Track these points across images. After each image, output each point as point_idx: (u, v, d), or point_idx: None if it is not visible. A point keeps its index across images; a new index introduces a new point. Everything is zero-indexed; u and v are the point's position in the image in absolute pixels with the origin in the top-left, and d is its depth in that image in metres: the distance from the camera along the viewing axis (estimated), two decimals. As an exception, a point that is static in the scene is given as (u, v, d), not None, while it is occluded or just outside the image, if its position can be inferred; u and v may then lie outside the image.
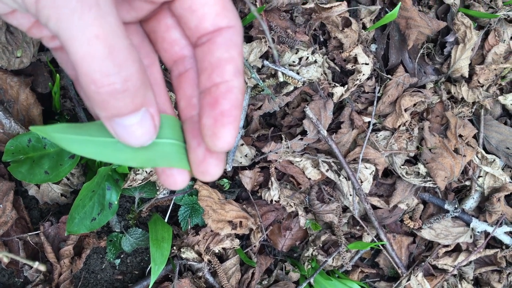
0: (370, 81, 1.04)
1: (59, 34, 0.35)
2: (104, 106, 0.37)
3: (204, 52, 0.44)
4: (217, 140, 0.42)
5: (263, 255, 1.08)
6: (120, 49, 0.36)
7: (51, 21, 0.34)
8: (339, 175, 1.04)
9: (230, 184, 1.05)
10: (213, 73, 0.43)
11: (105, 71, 0.35)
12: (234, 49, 0.44)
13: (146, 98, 0.40)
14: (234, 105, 0.43)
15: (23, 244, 0.85)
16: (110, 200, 0.86)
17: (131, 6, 0.47)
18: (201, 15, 0.43)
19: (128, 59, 0.37)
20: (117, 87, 0.36)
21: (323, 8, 0.94)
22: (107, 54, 0.35)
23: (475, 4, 1.08)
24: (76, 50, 0.35)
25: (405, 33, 1.04)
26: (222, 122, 0.42)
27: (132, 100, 0.38)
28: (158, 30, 0.49)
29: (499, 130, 1.15)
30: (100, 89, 0.36)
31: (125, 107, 0.38)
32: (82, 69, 0.35)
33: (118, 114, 0.38)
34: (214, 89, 0.43)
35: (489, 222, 1.13)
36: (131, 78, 0.37)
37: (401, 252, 1.13)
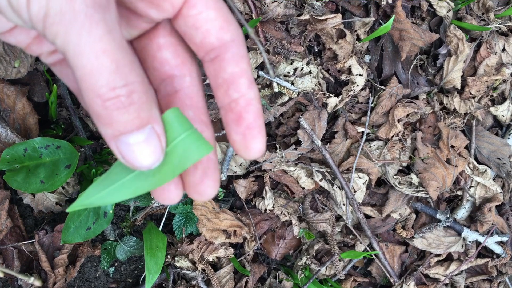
0: (364, 91, 1.06)
1: (66, 50, 0.35)
2: (109, 121, 0.38)
3: (215, 69, 0.45)
4: (250, 151, 0.44)
5: (256, 264, 1.08)
6: (126, 64, 0.37)
7: (59, 37, 0.35)
8: (332, 185, 1.05)
9: (225, 193, 1.05)
10: (229, 89, 0.44)
11: (112, 85, 0.36)
12: (243, 62, 0.45)
13: (152, 114, 0.40)
14: (256, 116, 0.44)
15: (18, 252, 0.85)
16: (105, 209, 0.86)
17: (128, 24, 0.47)
18: (205, 31, 0.44)
19: (133, 74, 0.38)
20: (123, 100, 0.37)
21: (318, 20, 0.95)
22: (115, 69, 0.36)
23: (467, 17, 1.09)
24: (83, 65, 0.35)
25: (399, 45, 1.05)
26: (251, 135, 0.44)
27: (137, 115, 0.38)
28: (150, 48, 0.49)
29: (490, 140, 1.16)
30: (106, 103, 0.36)
31: (131, 122, 0.38)
32: (88, 84, 0.36)
33: (123, 130, 0.38)
34: (234, 104, 0.44)
35: (480, 232, 1.15)
36: (137, 91, 0.38)
37: (393, 261, 1.14)
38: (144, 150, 0.40)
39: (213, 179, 0.47)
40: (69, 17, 0.34)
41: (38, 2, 0.34)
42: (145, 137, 0.40)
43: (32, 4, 0.34)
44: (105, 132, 0.39)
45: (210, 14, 0.44)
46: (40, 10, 0.34)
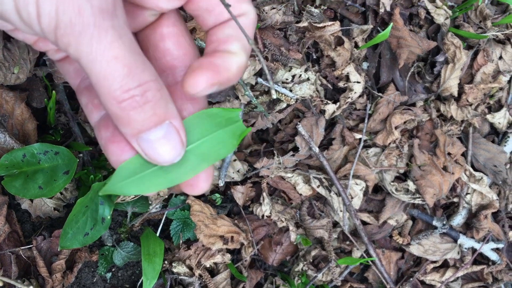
0: (361, 98, 1.06)
1: (79, 58, 0.37)
2: (128, 121, 0.39)
3: (215, 31, 0.46)
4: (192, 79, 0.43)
5: (253, 270, 1.09)
6: (138, 65, 0.38)
7: (71, 47, 0.36)
8: (330, 191, 1.05)
9: (222, 199, 1.05)
10: (220, 46, 0.44)
11: (125, 87, 0.37)
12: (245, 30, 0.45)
13: (168, 110, 0.41)
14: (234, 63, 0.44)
15: (16, 258, 0.85)
16: (103, 215, 0.86)
17: (132, 17, 0.48)
18: (218, 13, 0.45)
19: (146, 73, 0.39)
20: (138, 100, 0.38)
21: (316, 27, 0.95)
22: (127, 73, 0.37)
23: (464, 25, 1.10)
24: (97, 71, 0.37)
25: (396, 52, 1.06)
26: (219, 56, 0.43)
27: (154, 112, 0.39)
28: (152, 38, 0.50)
29: (487, 148, 1.17)
30: (122, 104, 0.38)
31: (148, 119, 0.39)
32: (103, 89, 0.38)
33: (142, 128, 0.40)
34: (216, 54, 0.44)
35: (476, 239, 1.15)
36: (150, 89, 0.39)
37: (390, 268, 1.14)
38: (164, 145, 0.41)
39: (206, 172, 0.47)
40: (79, 28, 0.35)
41: (48, 14, 0.35)
42: (164, 132, 0.41)
43: (42, 17, 0.35)
44: (125, 132, 0.41)
45: None
46: (50, 22, 0.35)
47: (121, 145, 0.44)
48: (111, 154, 0.45)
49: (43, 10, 0.34)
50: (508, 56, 1.14)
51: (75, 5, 0.34)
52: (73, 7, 0.34)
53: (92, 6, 0.35)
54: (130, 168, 0.43)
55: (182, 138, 0.42)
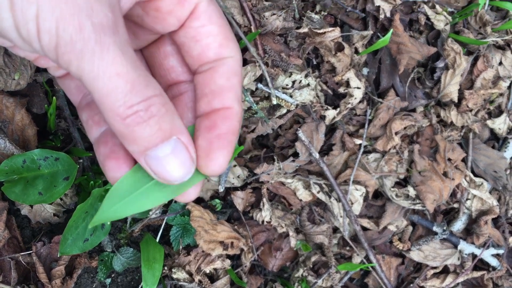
0: (361, 104, 1.06)
1: (81, 76, 0.36)
2: (133, 138, 0.38)
3: (205, 79, 0.45)
4: (210, 162, 0.43)
5: (253, 275, 1.08)
6: (141, 81, 0.37)
7: (72, 65, 0.35)
8: (330, 197, 1.05)
9: (222, 204, 1.05)
10: (214, 99, 0.44)
11: (129, 103, 0.37)
12: (235, 78, 0.45)
13: (174, 125, 0.40)
14: (231, 131, 0.43)
15: (15, 264, 0.85)
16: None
17: (135, 36, 0.48)
18: (205, 44, 0.45)
19: (150, 89, 0.38)
20: (142, 115, 0.37)
21: (316, 33, 0.96)
22: (130, 89, 0.37)
23: (464, 30, 1.10)
24: (100, 89, 0.36)
25: (397, 58, 1.06)
26: (218, 145, 0.43)
27: (159, 127, 0.38)
28: (157, 56, 0.50)
29: (487, 153, 1.17)
30: (126, 120, 0.37)
31: (154, 135, 0.38)
32: (106, 106, 0.37)
33: (148, 145, 0.39)
34: (212, 114, 0.44)
35: (476, 244, 1.15)
36: (154, 104, 0.38)
37: (390, 273, 1.14)
38: (173, 162, 0.40)
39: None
40: (80, 45, 0.34)
41: (48, 32, 0.34)
42: (172, 148, 0.40)
43: (42, 35, 0.34)
44: (132, 150, 0.40)
45: (213, 29, 0.44)
46: (51, 40, 0.34)
47: (119, 162, 0.44)
48: (109, 170, 0.44)
49: (43, 28, 0.34)
50: (508, 61, 1.14)
51: (75, 22, 0.34)
52: (73, 24, 0.34)
53: (93, 23, 0.35)
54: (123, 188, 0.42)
55: (192, 154, 0.42)
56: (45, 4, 0.33)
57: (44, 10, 0.33)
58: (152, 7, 0.43)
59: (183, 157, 0.41)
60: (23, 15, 0.33)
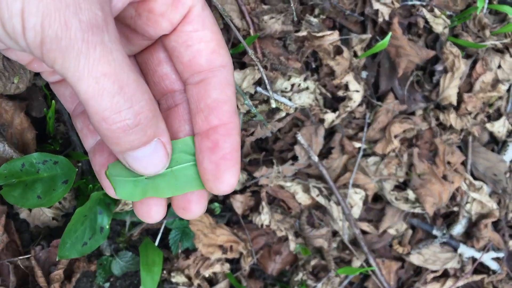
0: (360, 107, 1.06)
1: (66, 76, 0.35)
2: (117, 141, 0.38)
3: (199, 93, 0.44)
4: (220, 184, 0.43)
5: (252, 279, 1.08)
6: (130, 83, 0.36)
7: (57, 63, 0.35)
8: (329, 200, 1.05)
9: (221, 208, 1.05)
10: (210, 114, 0.44)
11: (116, 108, 0.36)
12: (229, 89, 0.44)
13: (158, 129, 0.40)
14: (234, 148, 0.43)
15: (14, 268, 0.85)
16: (102, 225, 0.86)
17: (128, 41, 0.47)
18: (196, 50, 0.44)
19: (138, 92, 0.37)
20: (129, 123, 0.37)
21: (315, 36, 0.96)
22: (118, 90, 0.35)
23: (463, 34, 1.10)
24: (85, 90, 0.35)
25: (395, 61, 1.06)
26: (225, 166, 0.43)
27: (144, 133, 0.39)
28: (150, 63, 0.49)
29: (486, 157, 1.17)
30: (112, 126, 0.36)
31: (138, 140, 0.39)
32: (92, 108, 0.36)
33: (130, 148, 0.39)
34: (212, 132, 0.43)
35: (476, 248, 1.15)
36: (143, 111, 0.37)
37: (389, 277, 1.14)
38: (151, 161, 0.41)
39: (198, 196, 0.46)
40: (65, 43, 0.34)
41: (33, 29, 0.33)
42: (152, 150, 0.40)
43: (27, 32, 0.33)
44: (112, 148, 0.40)
45: (206, 35, 0.44)
46: (36, 37, 0.33)
47: None
48: (104, 179, 0.44)
49: (28, 24, 0.33)
50: (507, 65, 1.14)
51: (61, 19, 0.33)
52: (59, 20, 0.33)
53: (81, 20, 0.33)
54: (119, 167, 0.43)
55: (168, 151, 0.42)
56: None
57: (30, 5, 0.32)
58: (145, 8, 0.43)
59: (161, 155, 0.41)
60: (8, 10, 0.32)
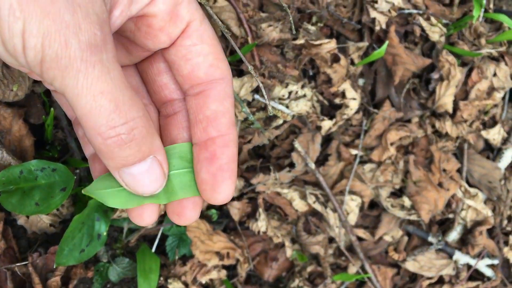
0: (357, 115, 1.07)
1: (64, 92, 0.36)
2: (111, 156, 0.39)
3: (198, 104, 0.45)
4: (217, 194, 0.44)
5: (249, 286, 1.08)
6: (125, 101, 0.37)
7: (56, 81, 0.35)
8: (325, 207, 1.06)
9: (218, 214, 1.06)
10: (209, 126, 0.45)
11: (111, 124, 0.37)
12: (227, 101, 0.45)
13: (153, 146, 0.41)
14: (231, 159, 0.44)
15: (11, 274, 0.85)
16: (99, 231, 0.86)
17: (128, 52, 0.48)
18: (195, 64, 0.45)
19: (133, 109, 0.38)
20: (123, 138, 0.38)
21: (313, 44, 0.96)
22: (114, 108, 0.36)
23: (459, 42, 1.11)
24: (82, 106, 0.36)
25: (392, 69, 1.07)
26: (222, 177, 0.44)
27: (139, 149, 0.39)
28: (150, 72, 0.50)
29: (481, 164, 1.17)
30: (107, 141, 0.37)
31: (133, 156, 0.39)
32: (88, 124, 0.37)
33: (125, 164, 0.40)
34: (210, 143, 0.44)
35: (471, 255, 1.16)
36: (137, 127, 0.38)
37: (385, 284, 1.14)
38: (146, 179, 0.41)
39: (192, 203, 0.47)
40: (65, 62, 0.34)
41: (34, 48, 0.34)
42: (147, 167, 0.41)
43: (28, 50, 0.34)
44: (107, 164, 0.40)
45: (204, 48, 0.45)
46: (36, 56, 0.34)
47: None
48: None
49: (28, 43, 0.34)
50: (502, 73, 1.15)
51: (61, 39, 0.34)
52: (59, 41, 0.34)
53: (80, 40, 0.35)
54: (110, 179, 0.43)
55: (165, 171, 0.42)
56: (32, 20, 0.33)
57: (31, 26, 0.33)
58: (144, 23, 0.43)
59: (156, 174, 0.42)
60: (10, 30, 0.33)
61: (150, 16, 0.43)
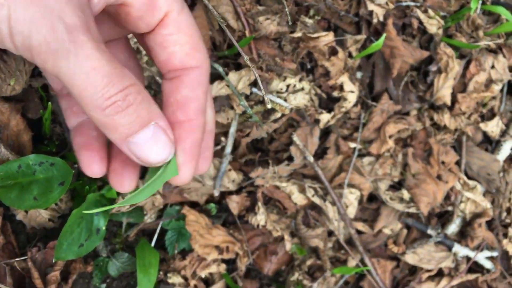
0: (355, 108, 1.07)
1: (58, 74, 0.37)
2: (114, 127, 0.40)
3: (171, 88, 0.47)
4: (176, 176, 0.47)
5: (248, 280, 1.08)
6: (117, 73, 0.39)
7: (48, 64, 0.37)
8: (324, 200, 1.06)
9: (217, 209, 1.05)
10: (178, 110, 0.47)
11: (107, 95, 0.38)
12: (199, 89, 0.47)
13: (151, 112, 0.42)
14: (194, 144, 0.46)
15: (10, 269, 0.85)
16: (98, 226, 0.86)
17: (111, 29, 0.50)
18: (171, 52, 0.47)
19: (125, 79, 0.40)
20: (120, 104, 0.39)
21: (310, 37, 0.96)
22: (107, 82, 0.38)
23: (457, 34, 1.11)
24: (78, 84, 0.37)
25: (390, 62, 1.07)
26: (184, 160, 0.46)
27: (138, 115, 0.40)
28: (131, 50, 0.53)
29: (480, 156, 1.17)
30: (105, 111, 0.39)
31: (134, 123, 0.40)
32: (85, 99, 0.38)
33: (129, 132, 0.41)
34: (177, 126, 0.46)
35: (470, 247, 1.16)
36: (131, 93, 0.40)
37: (385, 276, 1.14)
38: (154, 146, 0.43)
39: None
40: (54, 45, 0.36)
41: (21, 34, 0.35)
42: (152, 133, 0.42)
43: (15, 36, 0.35)
44: (114, 138, 0.42)
45: (181, 38, 0.46)
46: (24, 41, 0.36)
47: (93, 153, 0.47)
48: (82, 159, 0.48)
49: (15, 29, 0.35)
50: (500, 65, 1.15)
51: (48, 24, 0.35)
52: (46, 26, 0.35)
53: (66, 23, 0.36)
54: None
55: (170, 136, 0.44)
56: (17, 6, 0.34)
57: (16, 12, 0.34)
58: (123, 11, 0.45)
59: (162, 140, 0.43)
60: None
61: (128, 6, 0.44)
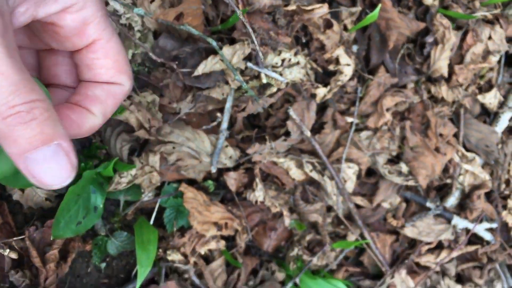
0: (352, 81, 1.06)
1: None
2: (13, 138, 0.37)
3: (87, 85, 0.48)
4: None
5: (248, 256, 1.08)
6: (25, 85, 0.37)
7: None
8: (323, 175, 1.05)
9: (215, 185, 1.05)
10: (84, 102, 0.47)
11: (11, 103, 0.36)
12: (111, 100, 0.48)
13: (57, 132, 0.39)
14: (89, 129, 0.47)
15: (9, 249, 0.85)
16: (95, 204, 0.86)
17: (30, 40, 0.50)
18: (97, 73, 0.47)
19: (34, 93, 0.37)
20: (23, 115, 0.36)
21: (304, 10, 0.95)
22: (13, 89, 0.36)
23: (453, 5, 1.10)
24: None
25: (386, 34, 1.06)
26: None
27: (41, 130, 0.37)
28: (48, 60, 0.52)
29: (478, 128, 1.17)
30: (7, 119, 0.36)
31: (35, 137, 0.37)
32: None
33: (28, 147, 0.37)
34: (77, 108, 0.47)
35: (470, 219, 1.16)
36: (37, 107, 0.37)
37: (384, 250, 1.14)
38: (53, 167, 0.39)
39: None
40: None
41: None
42: (52, 153, 0.38)
43: None
44: (11, 152, 0.38)
45: (107, 63, 0.47)
46: None
47: None
48: None
49: None
50: (497, 36, 1.14)
51: None
52: None
53: None
54: None
55: (72, 160, 0.40)
56: None
57: None
58: (50, 28, 0.44)
59: (63, 162, 0.39)
60: None
61: (57, 26, 0.44)
